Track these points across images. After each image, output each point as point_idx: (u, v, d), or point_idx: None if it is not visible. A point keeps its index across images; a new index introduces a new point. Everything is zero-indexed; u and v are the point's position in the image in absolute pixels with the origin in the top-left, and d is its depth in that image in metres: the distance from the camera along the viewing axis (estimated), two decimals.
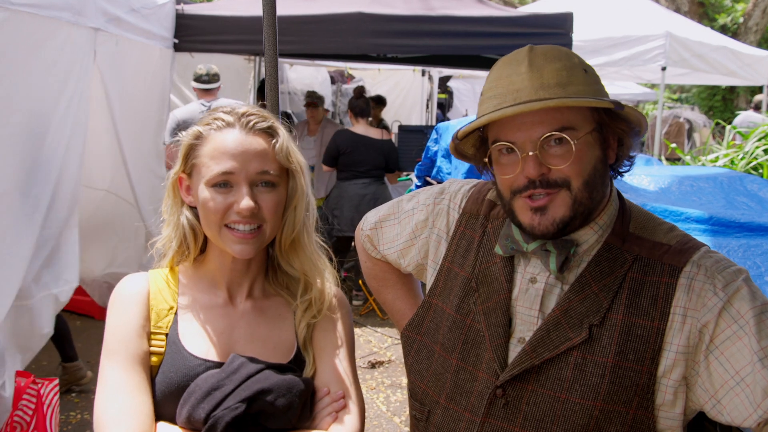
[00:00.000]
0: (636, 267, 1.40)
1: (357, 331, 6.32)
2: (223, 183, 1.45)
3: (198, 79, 6.86)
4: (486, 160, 1.47)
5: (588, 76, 1.38)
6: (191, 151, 1.51)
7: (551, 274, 1.43)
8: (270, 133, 1.52)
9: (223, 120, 1.51)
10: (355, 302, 6.99)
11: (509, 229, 1.49)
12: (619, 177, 1.51)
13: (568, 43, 5.89)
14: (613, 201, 1.48)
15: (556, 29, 5.90)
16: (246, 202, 1.43)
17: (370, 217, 1.85)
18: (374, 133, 7.00)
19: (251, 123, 1.51)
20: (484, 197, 1.63)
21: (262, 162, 1.47)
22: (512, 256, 1.51)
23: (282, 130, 1.55)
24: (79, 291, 5.49)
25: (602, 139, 1.41)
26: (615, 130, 1.42)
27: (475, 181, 1.72)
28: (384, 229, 1.80)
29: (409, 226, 1.73)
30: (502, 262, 1.51)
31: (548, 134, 1.33)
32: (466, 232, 1.62)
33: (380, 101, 10.10)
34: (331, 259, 1.67)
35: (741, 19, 18.79)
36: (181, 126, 6.05)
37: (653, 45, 8.23)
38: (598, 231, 1.44)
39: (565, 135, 1.33)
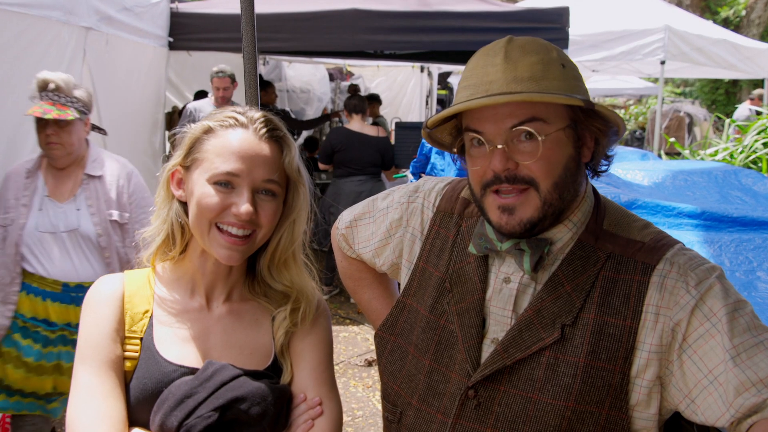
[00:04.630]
0: (609, 265, 1.38)
1: (354, 328, 6.32)
2: (225, 183, 1.42)
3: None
4: (457, 151, 1.46)
5: (566, 71, 1.35)
6: (196, 144, 1.48)
7: (525, 273, 1.41)
8: (281, 143, 1.50)
9: (236, 119, 1.48)
10: (353, 300, 6.98)
11: (483, 227, 1.47)
12: (596, 177, 1.49)
13: (565, 38, 5.88)
14: (588, 197, 1.45)
15: (552, 24, 5.89)
16: (246, 207, 1.40)
17: (346, 216, 1.83)
18: (369, 130, 6.99)
19: (265, 129, 1.48)
20: (459, 195, 1.61)
21: (269, 170, 1.45)
22: (486, 256, 1.49)
23: (293, 143, 1.53)
24: None
25: (576, 136, 1.38)
26: (591, 128, 1.39)
27: (449, 178, 1.70)
28: (359, 228, 1.78)
29: (384, 225, 1.71)
30: (476, 262, 1.49)
31: (517, 126, 1.31)
32: (441, 231, 1.60)
33: (374, 99, 10.12)
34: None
35: (743, 12, 18.71)
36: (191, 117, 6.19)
37: (652, 39, 8.20)
38: (573, 228, 1.42)
39: (532, 129, 1.31)
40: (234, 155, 1.42)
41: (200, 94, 8.58)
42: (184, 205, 1.51)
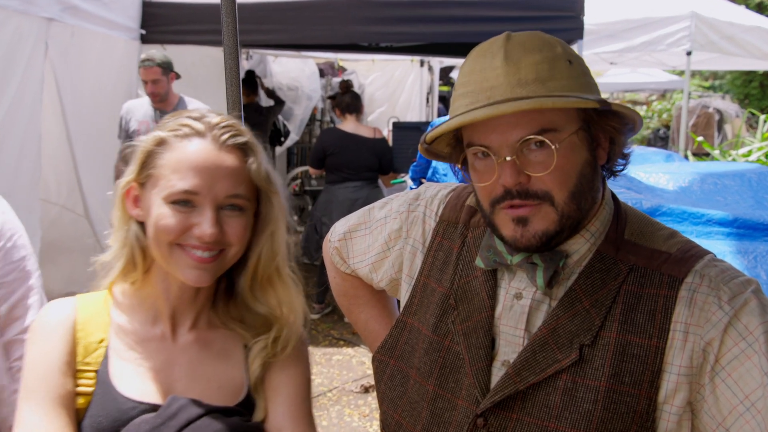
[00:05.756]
0: (631, 278, 1.38)
1: (349, 351, 6.31)
2: (184, 201, 1.39)
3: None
4: (459, 165, 1.46)
5: (573, 68, 1.35)
6: (149, 158, 1.44)
7: (538, 289, 1.41)
8: (245, 150, 1.46)
9: (191, 128, 1.44)
10: (347, 319, 6.98)
11: (491, 239, 1.47)
12: (613, 177, 1.49)
13: (579, 27, 5.90)
14: (607, 204, 1.46)
15: (565, 12, 5.91)
16: (209, 229, 1.38)
17: (339, 227, 1.83)
18: (365, 131, 6.99)
19: (225, 136, 1.44)
20: (464, 203, 1.61)
21: (233, 183, 1.42)
22: (495, 270, 1.49)
23: (259, 148, 1.50)
24: None
25: (590, 138, 1.38)
26: (605, 127, 1.39)
27: (453, 184, 1.70)
28: (354, 240, 1.78)
29: (382, 237, 1.71)
30: (484, 276, 1.49)
31: (527, 138, 1.31)
32: (444, 243, 1.60)
33: None
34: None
35: None
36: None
37: (677, 27, 8.24)
38: (590, 239, 1.42)
39: (545, 139, 1.31)
40: (192, 170, 1.39)
41: None
42: (143, 224, 1.48)
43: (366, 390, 5.50)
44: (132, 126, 5.60)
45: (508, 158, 1.32)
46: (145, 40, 6.30)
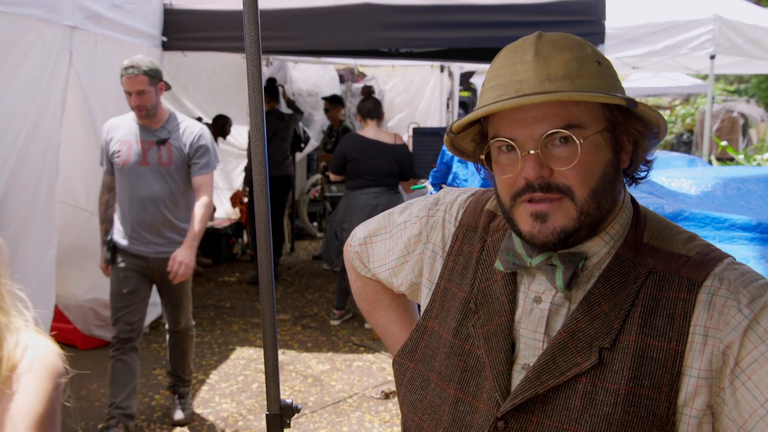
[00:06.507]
0: (650, 282, 1.39)
1: (369, 357, 6.33)
2: None
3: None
4: (483, 157, 1.48)
5: (601, 69, 1.38)
6: None
7: (558, 291, 1.43)
8: None
9: None
10: (367, 325, 7.00)
11: (510, 241, 1.49)
12: (634, 184, 1.50)
13: (600, 32, 5.90)
14: (626, 208, 1.47)
15: (585, 16, 5.91)
16: None
17: (359, 232, 1.86)
18: (386, 137, 7.03)
19: None
20: (483, 207, 1.63)
21: None
22: (515, 274, 1.51)
23: None
24: (62, 318, 5.58)
25: (614, 140, 1.40)
26: (629, 130, 1.41)
27: (473, 189, 1.72)
28: (374, 245, 1.81)
29: (402, 241, 1.74)
30: (504, 280, 1.51)
31: (552, 132, 1.34)
32: (464, 248, 1.62)
33: (337, 101, 10.24)
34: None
35: None
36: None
37: (700, 31, 8.20)
38: (609, 242, 1.43)
39: (570, 133, 1.33)
40: None
41: (219, 119, 8.60)
42: None
43: (387, 396, 5.51)
44: (112, 147, 4.57)
45: (532, 152, 1.34)
46: (166, 47, 6.38)
